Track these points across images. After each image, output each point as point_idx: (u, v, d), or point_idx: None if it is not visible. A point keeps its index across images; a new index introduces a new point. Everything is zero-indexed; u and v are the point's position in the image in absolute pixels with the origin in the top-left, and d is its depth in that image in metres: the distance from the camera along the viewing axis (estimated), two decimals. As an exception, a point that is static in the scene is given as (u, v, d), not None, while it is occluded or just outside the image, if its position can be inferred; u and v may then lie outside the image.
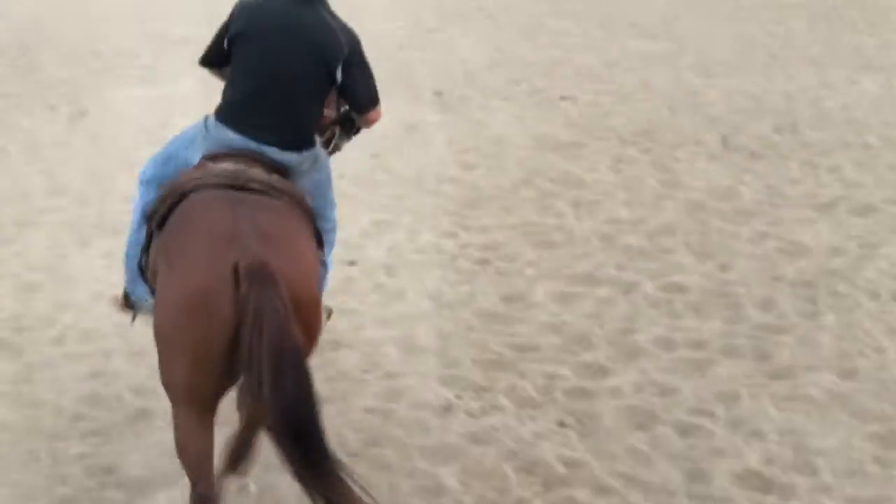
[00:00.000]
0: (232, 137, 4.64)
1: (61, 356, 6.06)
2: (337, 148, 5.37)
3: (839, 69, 11.89)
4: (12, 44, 12.77)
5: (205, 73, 5.27)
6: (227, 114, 4.71)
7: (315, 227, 4.59)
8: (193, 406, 4.05)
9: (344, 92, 4.93)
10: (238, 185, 4.32)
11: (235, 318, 3.81)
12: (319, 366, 5.91)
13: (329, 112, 5.09)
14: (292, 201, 4.45)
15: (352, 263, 7.24)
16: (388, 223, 7.86)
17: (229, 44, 4.81)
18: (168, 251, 4.18)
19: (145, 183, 4.85)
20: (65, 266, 7.17)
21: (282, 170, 4.64)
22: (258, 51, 4.70)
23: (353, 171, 8.64)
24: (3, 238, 7.59)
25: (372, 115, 5.12)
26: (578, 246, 7.57)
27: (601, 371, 6.05)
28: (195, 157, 4.67)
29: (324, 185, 5.06)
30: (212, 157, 4.57)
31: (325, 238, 4.88)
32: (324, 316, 4.81)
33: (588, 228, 7.84)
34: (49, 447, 5.27)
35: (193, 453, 4.08)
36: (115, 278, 6.91)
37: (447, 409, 5.66)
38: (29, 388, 5.76)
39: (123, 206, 8.18)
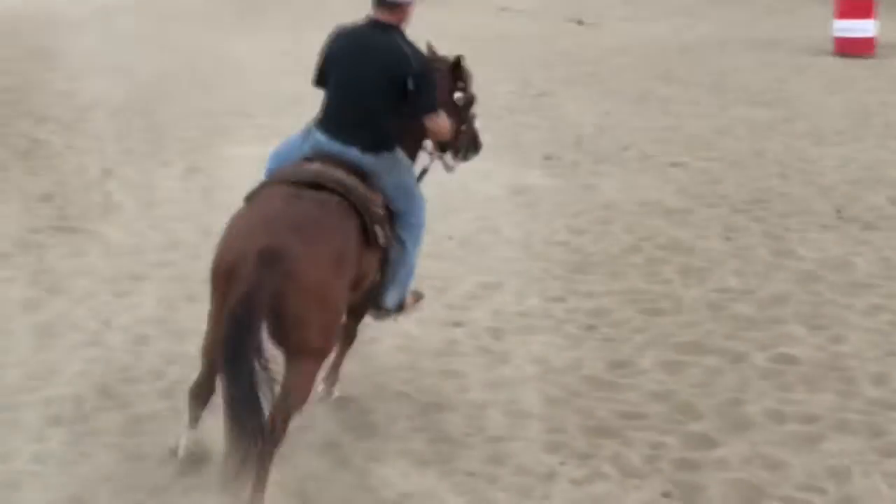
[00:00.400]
0: (323, 141, 5.67)
1: (168, 409, 6.10)
2: (465, 159, 6.40)
3: (957, 140, 11.67)
4: (133, 102, 13.15)
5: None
6: (322, 121, 5.76)
7: (365, 224, 5.41)
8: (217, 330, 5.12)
9: (410, 99, 5.63)
10: (314, 183, 5.35)
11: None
12: (423, 427, 5.94)
13: (453, 129, 6.02)
14: (350, 201, 5.37)
15: (457, 325, 7.24)
16: (495, 286, 7.85)
17: (325, 64, 5.81)
18: (231, 222, 5.34)
19: (269, 159, 6.00)
20: (175, 320, 7.28)
21: (362, 172, 5.57)
22: (342, 70, 5.70)
23: (460, 233, 8.69)
24: (116, 291, 7.75)
25: (431, 121, 5.77)
26: (686, 314, 7.47)
27: (708, 442, 5.92)
28: (302, 151, 5.74)
29: (408, 188, 5.85)
30: (308, 159, 5.61)
31: (406, 234, 5.79)
32: (410, 299, 6.07)
33: (696, 296, 7.74)
34: (153, 502, 5.31)
35: (208, 353, 5.30)
36: (224, 333, 7.01)
37: (551, 475, 5.58)
38: (135, 440, 5.81)
39: (234, 262, 8.32)
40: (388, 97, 5.60)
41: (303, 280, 4.95)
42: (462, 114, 6.20)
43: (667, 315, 7.46)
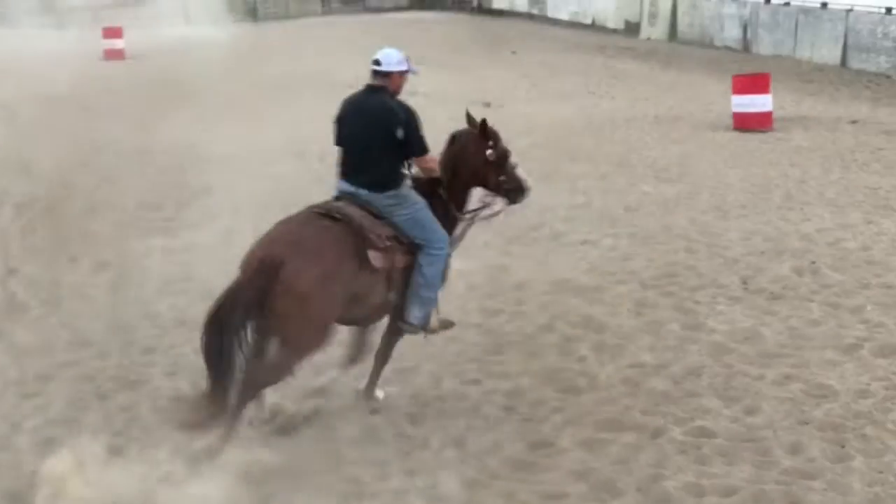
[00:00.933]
0: (343, 185, 7.05)
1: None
2: (516, 202, 7.61)
3: (856, 210, 11.95)
4: (38, 198, 12.96)
5: (226, 223, 5.55)
6: (339, 169, 7.12)
7: (362, 249, 6.65)
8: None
9: (404, 145, 6.93)
10: (328, 214, 6.71)
11: None
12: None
13: (493, 180, 7.43)
14: (352, 229, 6.65)
15: (374, 412, 7.18)
16: (411, 370, 7.82)
17: (336, 125, 7.10)
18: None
19: None
20: (85, 420, 7.13)
21: (374, 210, 6.84)
22: (345, 128, 7.06)
23: (374, 318, 8.64)
24: (24, 392, 7.58)
25: (424, 161, 7.13)
26: (603, 391, 7.51)
27: (630, 520, 5.93)
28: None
29: (419, 221, 6.98)
30: (337, 198, 7.00)
31: (423, 259, 6.96)
32: (435, 321, 7.27)
33: (612, 373, 7.78)
34: None
35: None
36: (135, 432, 6.90)
37: (474, 561, 5.54)
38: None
39: (144, 357, 8.20)
40: (382, 146, 6.89)
41: (289, 286, 6.25)
42: (499, 166, 7.42)
43: (584, 393, 7.49)
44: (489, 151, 7.37)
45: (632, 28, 32.03)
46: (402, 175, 7.05)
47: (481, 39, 30.42)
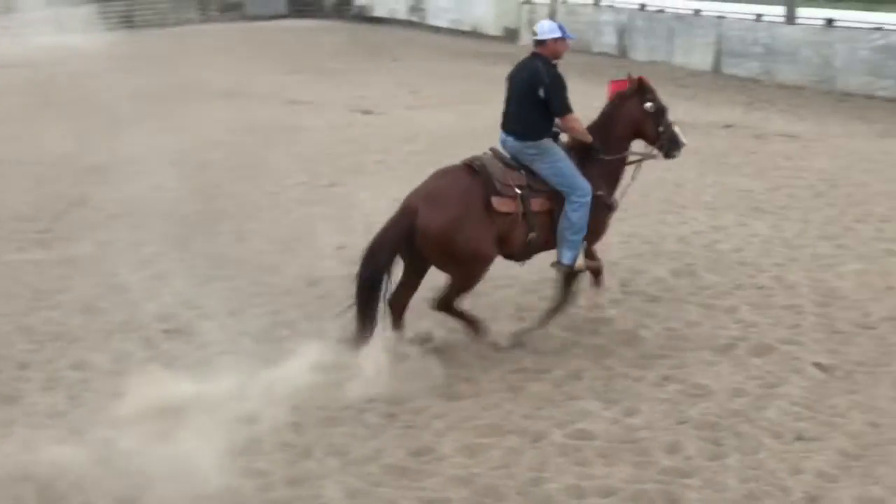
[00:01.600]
0: (501, 133, 8.34)
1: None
2: (669, 156, 8.74)
3: (730, 213, 12.21)
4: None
5: (105, 235, 5.43)
6: (502, 121, 8.39)
7: (489, 198, 7.86)
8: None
9: (547, 104, 8.11)
10: (470, 165, 8.08)
11: None
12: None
13: (653, 132, 8.57)
14: (482, 179, 7.93)
15: (255, 422, 7.11)
16: (293, 379, 7.75)
17: (507, 83, 8.42)
18: None
19: None
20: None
21: (514, 160, 8.18)
22: (508, 85, 8.40)
23: (254, 328, 8.58)
24: None
25: (565, 121, 8.27)
26: (485, 397, 7.55)
27: (513, 523, 5.97)
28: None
29: (560, 171, 8.10)
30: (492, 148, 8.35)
31: (568, 206, 8.07)
32: (581, 262, 8.27)
33: (494, 378, 7.83)
34: None
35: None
36: (10, 448, 6.74)
37: (357, 570, 5.53)
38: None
39: (18, 372, 8.02)
40: (527, 101, 8.14)
41: (424, 230, 7.67)
42: (657, 119, 8.53)
43: (466, 399, 7.52)
44: (648, 104, 8.48)
45: (511, 35, 32.26)
46: (545, 130, 8.19)
47: (361, 47, 30.34)
